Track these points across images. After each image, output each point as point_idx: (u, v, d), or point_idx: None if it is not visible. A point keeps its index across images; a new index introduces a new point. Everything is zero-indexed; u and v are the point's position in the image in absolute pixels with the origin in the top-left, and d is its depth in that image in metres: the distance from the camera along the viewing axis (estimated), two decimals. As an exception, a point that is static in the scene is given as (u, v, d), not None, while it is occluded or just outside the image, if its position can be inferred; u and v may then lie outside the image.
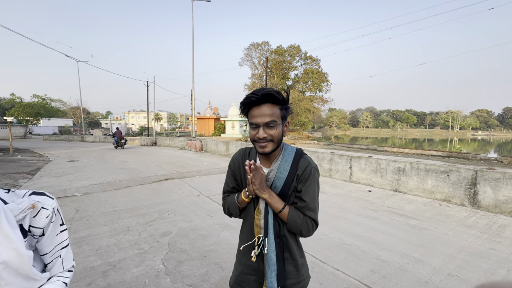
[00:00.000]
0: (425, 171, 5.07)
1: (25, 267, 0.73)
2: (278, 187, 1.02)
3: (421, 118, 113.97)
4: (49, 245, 0.83)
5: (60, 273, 0.87)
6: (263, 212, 1.04)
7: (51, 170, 8.33)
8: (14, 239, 0.71)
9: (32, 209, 0.78)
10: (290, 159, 1.03)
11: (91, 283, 2.31)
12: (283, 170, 1.02)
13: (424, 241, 3.15)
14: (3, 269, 0.69)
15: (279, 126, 0.98)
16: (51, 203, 0.82)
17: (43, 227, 0.80)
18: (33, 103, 39.74)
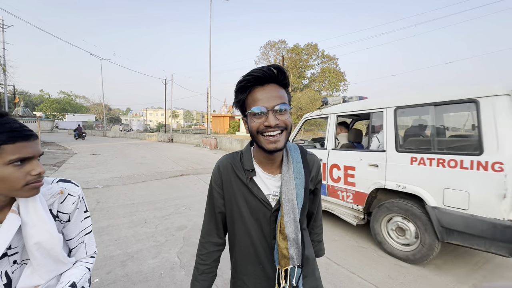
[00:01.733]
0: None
1: (56, 249, 0.77)
2: (301, 194, 0.80)
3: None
4: (74, 231, 0.87)
5: (83, 258, 0.90)
6: (293, 237, 0.78)
7: (75, 163, 8.77)
8: (48, 221, 0.76)
9: (61, 194, 0.82)
10: (299, 158, 0.84)
11: (111, 271, 2.40)
12: (299, 174, 0.80)
13: (447, 247, 2.99)
14: (37, 249, 0.73)
15: (289, 114, 0.75)
16: (76, 190, 0.86)
17: (69, 212, 0.84)
18: (60, 99, 42.04)
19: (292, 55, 42.07)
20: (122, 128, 40.98)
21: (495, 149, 2.04)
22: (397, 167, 2.68)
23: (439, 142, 2.47)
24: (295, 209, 0.77)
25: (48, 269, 0.77)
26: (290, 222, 0.77)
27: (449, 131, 2.75)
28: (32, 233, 0.72)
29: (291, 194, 0.77)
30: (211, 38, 17.79)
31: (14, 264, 0.74)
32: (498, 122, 2.05)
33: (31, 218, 0.73)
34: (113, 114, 79.24)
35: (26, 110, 36.27)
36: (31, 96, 61.72)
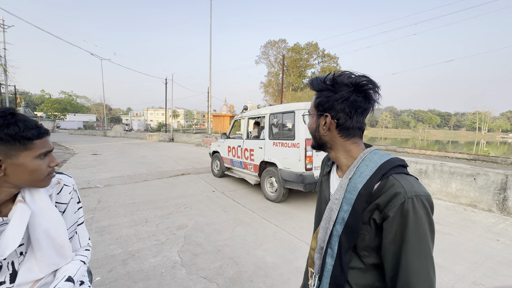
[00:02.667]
0: (449, 173, 4.82)
1: (62, 237, 0.80)
2: (346, 211, 0.69)
3: (445, 119, 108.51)
4: (68, 222, 0.89)
5: (77, 251, 0.92)
6: (321, 245, 0.76)
7: (76, 163, 8.80)
8: (54, 209, 0.79)
9: (58, 184, 0.85)
10: (368, 174, 0.68)
11: (112, 270, 2.42)
12: (352, 189, 0.69)
13: (447, 246, 3.00)
14: (44, 238, 0.75)
15: (311, 117, 0.79)
16: (71, 181, 0.90)
17: (66, 202, 0.87)
18: (61, 99, 42.13)
19: (293, 54, 42.04)
20: (127, 128, 41.03)
21: (298, 136, 4.10)
22: (269, 148, 4.74)
23: (282, 134, 4.56)
24: (331, 220, 0.73)
25: (49, 262, 0.78)
26: (323, 229, 0.76)
27: (286, 127, 4.67)
28: (40, 221, 0.74)
29: (334, 204, 0.73)
30: (211, 38, 17.78)
31: (21, 255, 0.75)
32: (299, 124, 4.09)
33: (38, 206, 0.75)
34: (114, 114, 79.38)
35: (27, 110, 36.43)
36: (32, 96, 61.88)
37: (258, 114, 5.34)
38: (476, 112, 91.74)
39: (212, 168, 7.11)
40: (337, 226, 0.71)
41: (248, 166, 5.44)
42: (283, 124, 4.68)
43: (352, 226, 0.68)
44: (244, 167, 5.58)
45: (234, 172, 6.17)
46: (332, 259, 0.73)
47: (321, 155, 4.28)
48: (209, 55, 17.83)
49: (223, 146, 6.44)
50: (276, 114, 4.72)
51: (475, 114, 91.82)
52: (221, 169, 6.61)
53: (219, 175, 6.73)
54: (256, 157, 5.11)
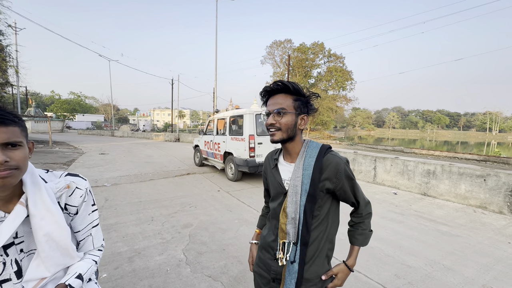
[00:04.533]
0: (458, 174, 4.71)
1: (65, 241, 0.79)
2: (306, 183, 0.95)
3: (455, 119, 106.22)
4: (82, 223, 0.89)
5: (90, 251, 0.93)
6: (292, 216, 0.96)
7: (84, 162, 8.95)
8: (56, 213, 0.77)
9: (67, 188, 0.84)
10: (314, 155, 0.97)
11: (118, 267, 2.45)
12: (307, 166, 0.97)
13: (455, 248, 2.94)
14: (46, 241, 0.75)
15: (289, 114, 0.95)
16: (84, 184, 0.88)
17: (77, 205, 0.86)
18: (70, 100, 42.94)
19: (298, 54, 41.82)
20: (135, 128, 41.45)
21: (244, 133, 5.83)
22: (229, 142, 6.38)
23: (236, 131, 6.31)
24: (298, 193, 0.95)
25: (55, 262, 0.79)
26: (291, 203, 0.96)
27: (238, 126, 6.43)
28: (41, 224, 0.75)
29: (296, 180, 0.96)
30: (217, 38, 17.86)
31: (21, 252, 0.76)
32: (246, 123, 5.82)
33: (39, 210, 0.75)
34: (121, 114, 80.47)
35: (37, 111, 37.26)
36: (42, 97, 63.25)
37: (223, 116, 6.89)
38: (486, 112, 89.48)
39: (194, 159, 8.81)
40: (302, 197, 0.95)
41: (217, 156, 7.11)
42: (237, 124, 6.54)
43: (313, 194, 0.94)
44: (215, 157, 7.25)
45: (209, 161, 7.87)
46: (301, 224, 0.95)
47: (263, 146, 6.00)
48: (215, 56, 17.92)
49: (201, 141, 8.11)
50: (233, 116, 6.45)
51: (486, 114, 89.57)
52: (200, 159, 8.28)
53: (199, 164, 8.40)
54: (221, 148, 6.78)
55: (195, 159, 8.61)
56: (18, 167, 0.69)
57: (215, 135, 7.15)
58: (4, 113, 0.67)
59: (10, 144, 0.67)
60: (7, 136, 0.66)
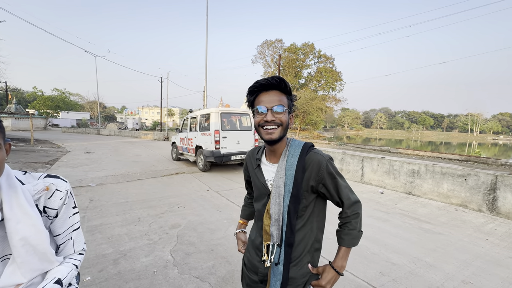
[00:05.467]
0: (441, 174, 4.89)
1: (43, 245, 0.76)
2: (289, 184, 0.94)
3: (439, 121, 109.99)
4: (62, 227, 0.86)
5: (71, 255, 0.90)
6: (275, 218, 0.95)
7: (68, 161, 8.66)
8: (33, 216, 0.74)
9: (46, 191, 0.80)
10: (297, 154, 0.96)
11: (103, 269, 2.39)
12: (290, 166, 0.95)
13: (437, 246, 3.05)
14: (22, 245, 0.72)
15: (286, 113, 0.94)
16: (64, 186, 0.84)
17: (57, 208, 0.83)
18: (53, 97, 41.42)
19: (289, 54, 42.09)
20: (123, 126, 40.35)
21: (211, 128, 6.85)
22: (199, 137, 7.32)
23: (205, 127, 7.19)
24: (281, 194, 0.94)
25: (32, 267, 0.75)
26: (275, 204, 0.95)
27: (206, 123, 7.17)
28: (17, 228, 0.71)
29: (279, 182, 0.95)
30: (207, 37, 17.68)
31: None
32: (212, 120, 6.82)
33: (15, 213, 0.72)
34: (108, 112, 78.33)
35: (18, 107, 35.68)
36: (24, 93, 60.63)
37: (195, 115, 7.80)
38: (468, 114, 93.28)
39: (172, 154, 9.72)
40: (286, 198, 0.94)
41: (190, 150, 8.07)
42: (206, 121, 7.27)
43: (296, 195, 0.93)
44: (188, 151, 8.24)
45: (184, 155, 8.86)
46: (285, 226, 0.94)
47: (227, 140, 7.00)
48: (205, 54, 17.74)
49: (177, 138, 9.09)
50: (203, 115, 7.41)
51: (467, 116, 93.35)
52: (177, 154, 9.19)
53: (175, 159, 9.31)
54: (193, 143, 7.74)
55: (173, 155, 9.57)
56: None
57: (189, 132, 8.16)
58: None
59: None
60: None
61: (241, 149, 7.23)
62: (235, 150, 7.09)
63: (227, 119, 7.28)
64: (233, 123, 7.50)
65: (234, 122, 7.59)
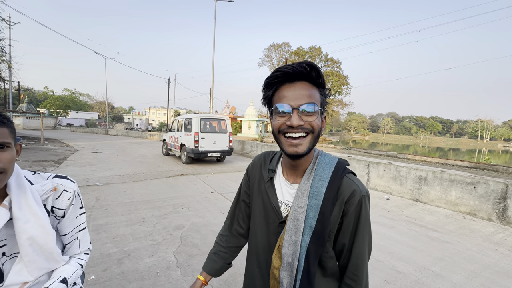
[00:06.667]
0: (449, 181, 4.79)
1: (50, 244, 0.77)
2: (312, 218, 0.67)
3: (447, 126, 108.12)
4: (69, 227, 0.87)
5: (76, 255, 0.91)
6: (288, 261, 0.70)
7: (76, 160, 8.81)
8: (41, 216, 0.76)
9: (54, 191, 0.82)
10: (327, 176, 0.69)
11: (107, 269, 2.41)
12: (316, 194, 0.68)
13: (444, 255, 2.98)
14: (30, 245, 0.73)
15: (318, 113, 0.65)
16: (72, 186, 0.86)
17: (64, 208, 0.84)
18: (64, 97, 42.33)
19: (296, 58, 42.10)
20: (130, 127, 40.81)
21: (192, 130, 8.46)
22: (183, 136, 9.02)
23: (188, 129, 8.78)
24: (299, 230, 0.68)
25: (38, 266, 0.77)
26: (289, 243, 0.69)
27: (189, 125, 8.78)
28: (25, 228, 0.73)
29: (299, 213, 0.69)
30: (214, 39, 17.87)
31: (3, 256, 0.74)
32: (193, 124, 8.51)
33: (24, 213, 0.73)
34: (116, 113, 79.57)
35: (30, 107, 36.58)
36: (36, 93, 62.17)
37: (181, 119, 9.49)
38: (478, 120, 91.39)
39: (162, 150, 11.27)
40: (305, 236, 0.68)
41: (176, 147, 9.63)
42: (189, 124, 8.80)
43: (320, 233, 0.67)
44: (175, 147, 9.81)
45: (172, 151, 10.45)
46: (300, 273, 0.69)
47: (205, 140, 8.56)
48: (212, 57, 17.91)
49: (167, 136, 10.68)
50: (186, 119, 9.08)
51: (477, 122, 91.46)
52: (166, 150, 10.79)
53: (165, 154, 10.92)
54: (179, 141, 9.34)
55: (163, 150, 11.09)
56: (3, 169, 0.67)
57: (176, 132, 9.76)
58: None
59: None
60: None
61: (217, 148, 8.91)
62: (211, 149, 8.72)
63: (207, 123, 8.84)
64: (212, 126, 9.00)
65: (213, 125, 9.05)
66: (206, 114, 9.60)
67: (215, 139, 8.82)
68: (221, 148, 8.96)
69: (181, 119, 9.40)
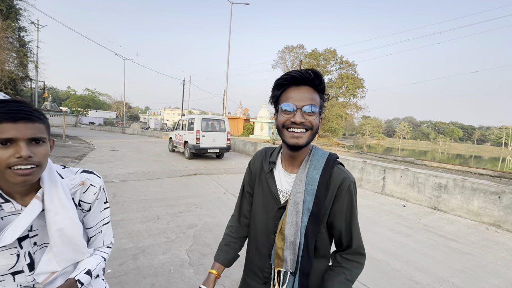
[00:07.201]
0: (472, 190, 4.57)
1: (77, 237, 0.81)
2: (309, 201, 0.80)
3: (469, 133, 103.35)
4: (94, 220, 0.90)
5: (100, 248, 0.94)
6: (291, 240, 0.80)
7: (95, 157, 9.15)
8: (70, 208, 0.79)
9: (82, 185, 0.85)
10: (320, 166, 0.82)
11: (123, 263, 2.48)
12: (311, 180, 0.81)
13: (466, 267, 2.83)
14: (59, 236, 0.77)
15: (317, 114, 0.79)
16: (98, 181, 0.89)
17: (91, 202, 0.87)
18: (84, 96, 44.13)
19: (310, 60, 41.77)
20: (146, 126, 42.00)
21: (194, 129, 9.59)
22: (187, 134, 10.13)
23: (191, 128, 9.95)
24: (299, 213, 0.80)
25: (66, 257, 0.80)
26: (291, 224, 0.80)
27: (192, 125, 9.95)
28: (55, 219, 0.76)
29: (298, 197, 0.80)
30: (229, 42, 18.06)
31: (35, 245, 0.78)
32: (195, 123, 9.68)
33: (55, 205, 0.77)
34: (133, 112, 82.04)
35: (53, 105, 38.47)
36: (59, 92, 65.26)
37: (185, 119, 10.67)
38: (502, 126, 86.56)
39: (168, 147, 12.61)
40: (304, 217, 0.80)
41: (181, 143, 10.77)
42: (192, 123, 9.92)
43: (316, 214, 0.79)
44: (179, 144, 10.93)
45: (177, 148, 11.56)
46: (301, 251, 0.80)
47: (205, 137, 9.57)
48: (227, 59, 18.10)
49: (173, 134, 11.99)
50: (189, 119, 10.23)
51: (502, 129, 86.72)
52: (172, 147, 12.04)
53: (171, 150, 12.16)
54: (183, 138, 10.45)
55: (169, 147, 12.36)
56: (39, 163, 0.70)
57: (180, 130, 10.88)
58: (31, 110, 0.70)
59: (35, 140, 0.70)
60: (33, 132, 0.68)
61: (216, 145, 9.89)
62: (211, 146, 9.75)
63: (208, 122, 9.87)
64: (212, 126, 10.03)
65: (214, 125, 10.09)
66: (207, 114, 10.83)
67: (215, 137, 9.86)
68: (220, 145, 9.99)
69: (185, 119, 10.61)
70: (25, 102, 0.72)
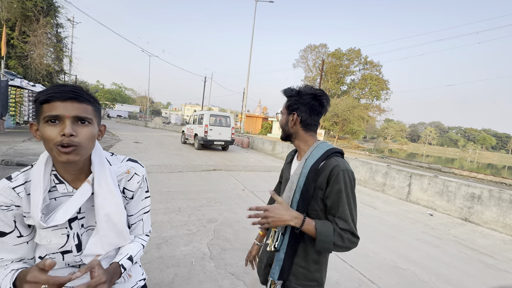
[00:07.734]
0: (510, 202, 4.22)
1: (122, 223, 0.83)
2: (301, 181, 0.97)
3: (503, 141, 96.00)
4: (135, 208, 0.92)
5: (140, 235, 0.96)
6: None
7: (120, 148, 9.57)
8: (117, 195, 0.81)
9: (127, 174, 0.88)
10: (317, 156, 0.97)
11: (147, 251, 2.56)
12: (306, 166, 0.98)
13: (503, 285, 2.61)
14: (105, 221, 0.79)
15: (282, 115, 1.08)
16: (142, 171, 0.91)
17: (134, 190, 0.89)
18: (112, 90, 46.36)
19: (332, 60, 40.81)
20: (167, 121, 43.43)
21: (203, 123, 10.94)
22: (197, 128, 11.58)
23: (200, 122, 11.26)
24: (292, 189, 1.00)
25: (110, 242, 0.83)
26: (285, 198, 1.01)
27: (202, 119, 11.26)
28: (103, 204, 0.79)
29: (294, 177, 1.00)
30: (252, 40, 18.07)
31: (82, 227, 0.81)
32: (204, 118, 11.02)
33: (103, 190, 0.79)
34: (155, 107, 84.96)
35: (83, 98, 40.74)
36: (89, 86, 69.10)
37: (196, 114, 11.94)
38: (543, 136, 79.30)
39: (181, 139, 13.92)
40: (296, 194, 0.98)
41: (192, 136, 12.04)
42: (201, 119, 11.04)
43: (305, 193, 0.96)
44: (191, 137, 12.24)
45: (188, 140, 12.85)
46: None
47: (213, 131, 10.94)
48: (249, 57, 18.15)
49: (185, 128, 13.24)
50: (199, 114, 11.42)
51: (542, 139, 79.40)
52: (184, 139, 13.28)
53: (183, 142, 13.38)
54: (193, 132, 11.74)
55: (181, 139, 13.67)
56: (80, 143, 0.70)
57: (191, 124, 12.26)
58: (80, 91, 0.72)
59: (80, 120, 0.71)
60: (79, 111, 0.70)
61: (221, 138, 11.21)
62: (217, 138, 11.09)
63: (215, 118, 11.25)
64: (219, 121, 11.42)
65: (221, 120, 11.47)
66: (215, 111, 12.32)
67: (220, 131, 11.23)
68: (225, 139, 11.33)
69: (196, 114, 11.97)
70: (80, 87, 0.74)
